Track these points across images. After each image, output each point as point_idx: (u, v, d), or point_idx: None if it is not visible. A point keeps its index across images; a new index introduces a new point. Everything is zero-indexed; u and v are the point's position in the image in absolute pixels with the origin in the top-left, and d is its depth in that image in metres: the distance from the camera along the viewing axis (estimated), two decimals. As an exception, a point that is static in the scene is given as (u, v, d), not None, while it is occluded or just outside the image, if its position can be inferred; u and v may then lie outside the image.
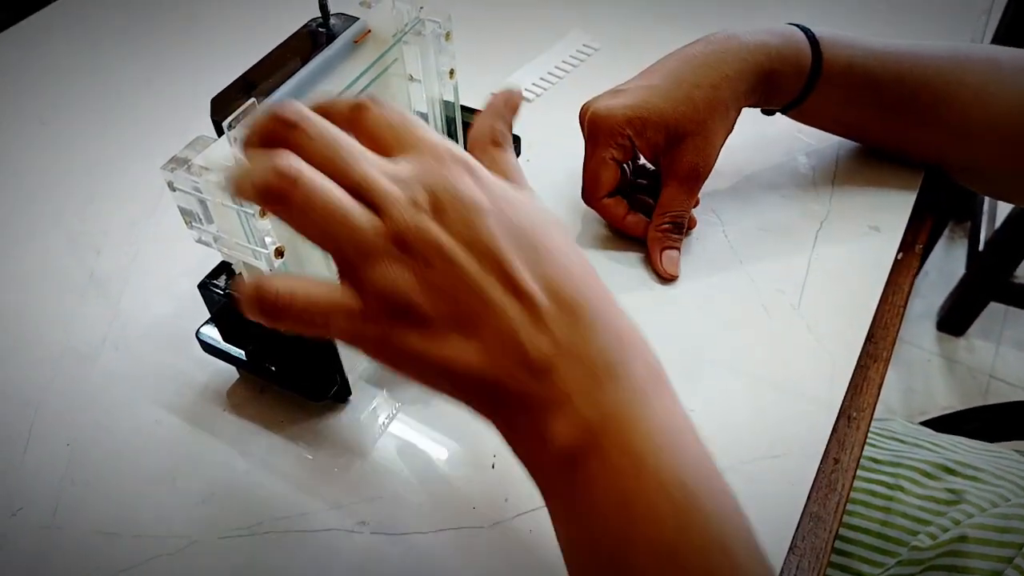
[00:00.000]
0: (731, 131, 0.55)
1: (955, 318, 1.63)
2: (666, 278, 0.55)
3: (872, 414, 0.49)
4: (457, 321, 0.30)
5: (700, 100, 0.53)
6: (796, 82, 0.55)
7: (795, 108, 0.58)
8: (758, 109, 0.59)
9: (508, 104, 0.39)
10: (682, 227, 0.55)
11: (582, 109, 0.57)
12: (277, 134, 0.31)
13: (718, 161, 0.55)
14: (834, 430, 0.47)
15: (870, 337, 0.52)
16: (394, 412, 0.49)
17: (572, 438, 0.30)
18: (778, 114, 0.61)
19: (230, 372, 0.51)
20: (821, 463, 0.46)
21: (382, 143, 0.33)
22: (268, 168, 0.29)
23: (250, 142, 0.32)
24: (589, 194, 0.57)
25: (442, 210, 0.30)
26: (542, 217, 0.33)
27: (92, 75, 0.76)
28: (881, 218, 0.58)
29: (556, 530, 0.33)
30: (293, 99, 0.32)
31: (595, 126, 0.54)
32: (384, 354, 0.31)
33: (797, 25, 0.56)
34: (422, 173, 0.31)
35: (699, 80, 0.53)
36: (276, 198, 0.29)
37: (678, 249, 0.56)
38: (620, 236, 0.58)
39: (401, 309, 0.30)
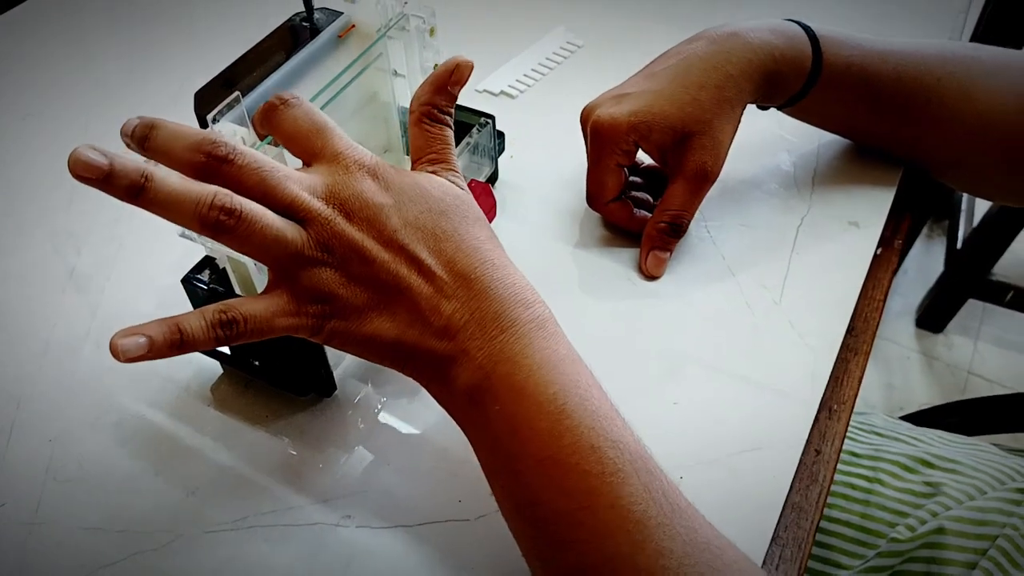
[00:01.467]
0: (737, 129, 0.55)
1: (934, 315, 1.64)
2: (649, 276, 0.55)
3: (852, 406, 0.50)
4: (375, 304, 0.37)
5: (706, 100, 0.52)
6: (796, 82, 0.56)
7: (791, 106, 0.58)
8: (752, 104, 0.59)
9: (454, 76, 0.42)
10: (679, 230, 0.55)
11: (583, 112, 0.57)
12: (210, 167, 0.36)
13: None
14: (815, 422, 0.48)
15: (850, 331, 0.53)
16: (379, 406, 0.49)
17: (470, 381, 0.37)
18: (761, 111, 0.61)
19: (214, 367, 0.51)
20: (803, 455, 0.46)
21: (297, 145, 0.39)
22: (208, 204, 0.34)
23: (177, 160, 0.36)
24: (595, 200, 0.57)
25: (353, 214, 0.37)
26: (439, 201, 0.39)
27: (75, 68, 0.75)
28: (860, 214, 0.58)
29: (478, 457, 0.39)
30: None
31: (599, 135, 0.54)
32: (320, 337, 0.38)
33: (796, 22, 0.56)
34: (334, 184, 0.37)
35: (704, 81, 0.53)
36: (221, 230, 0.35)
37: (669, 252, 0.56)
38: (602, 233, 0.58)
39: (328, 300, 0.37)
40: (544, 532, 0.36)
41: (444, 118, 0.43)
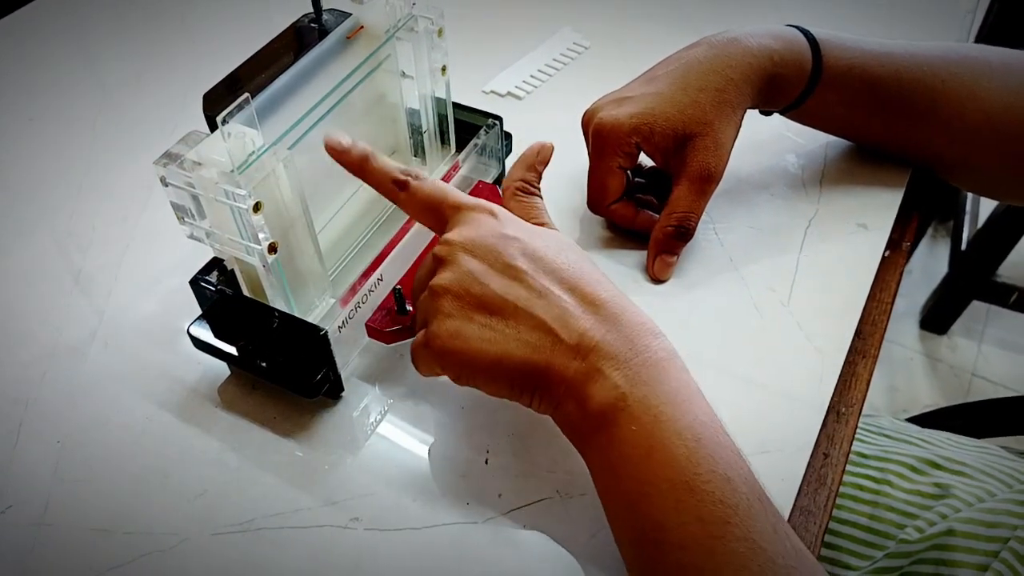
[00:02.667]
0: (738, 132, 0.55)
1: (938, 317, 1.64)
2: (656, 280, 0.55)
3: (861, 409, 0.50)
4: (497, 325, 0.39)
5: (707, 103, 0.53)
6: (797, 85, 0.56)
7: (793, 109, 0.58)
8: (755, 110, 0.59)
9: (539, 156, 0.48)
10: (687, 234, 0.54)
11: (585, 115, 0.57)
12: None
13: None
14: (823, 425, 0.47)
15: (858, 333, 0.52)
16: (386, 408, 0.49)
17: (605, 401, 0.37)
18: (765, 116, 0.61)
19: (221, 368, 0.51)
20: (811, 458, 0.46)
21: (432, 216, 0.44)
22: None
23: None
24: (597, 203, 0.57)
25: (475, 248, 0.40)
26: (556, 242, 0.42)
27: (80, 71, 0.75)
28: (869, 216, 0.58)
29: (595, 482, 0.40)
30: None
31: (601, 136, 0.54)
32: (444, 363, 0.41)
33: (796, 27, 0.56)
34: (458, 231, 0.42)
35: (704, 84, 0.53)
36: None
37: (676, 256, 0.55)
38: (608, 235, 0.58)
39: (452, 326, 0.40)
40: (669, 558, 0.36)
41: (534, 191, 0.47)
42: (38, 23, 0.81)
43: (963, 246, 1.56)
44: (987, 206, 1.58)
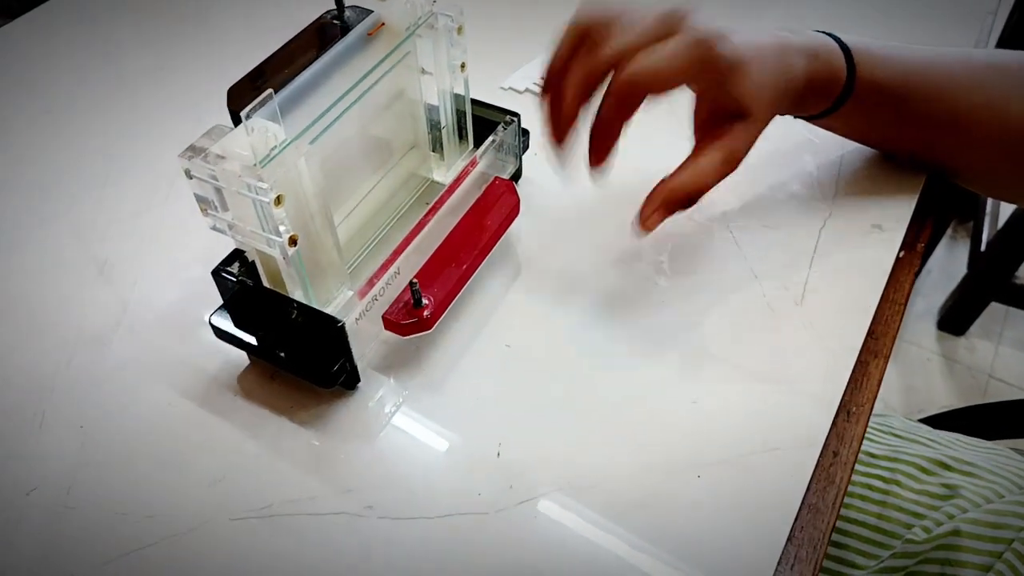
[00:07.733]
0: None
1: (956, 318, 1.63)
2: (637, 230, 0.52)
3: (871, 409, 0.50)
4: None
5: (778, 91, 0.50)
6: (828, 97, 0.54)
7: (814, 120, 0.58)
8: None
9: None
10: (686, 201, 0.50)
11: (700, 32, 0.48)
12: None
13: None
14: (833, 424, 0.48)
15: (871, 333, 0.53)
16: (401, 400, 0.50)
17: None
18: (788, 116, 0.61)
19: (241, 358, 0.52)
20: (820, 456, 0.46)
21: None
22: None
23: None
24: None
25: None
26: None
27: (101, 64, 0.76)
28: (884, 217, 0.58)
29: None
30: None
31: (716, 65, 0.47)
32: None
33: (829, 34, 0.54)
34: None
35: (783, 72, 0.50)
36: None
37: (664, 216, 0.50)
38: (625, 231, 0.59)
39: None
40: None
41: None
42: (60, 17, 0.82)
43: (982, 247, 1.55)
44: (1007, 207, 1.57)
